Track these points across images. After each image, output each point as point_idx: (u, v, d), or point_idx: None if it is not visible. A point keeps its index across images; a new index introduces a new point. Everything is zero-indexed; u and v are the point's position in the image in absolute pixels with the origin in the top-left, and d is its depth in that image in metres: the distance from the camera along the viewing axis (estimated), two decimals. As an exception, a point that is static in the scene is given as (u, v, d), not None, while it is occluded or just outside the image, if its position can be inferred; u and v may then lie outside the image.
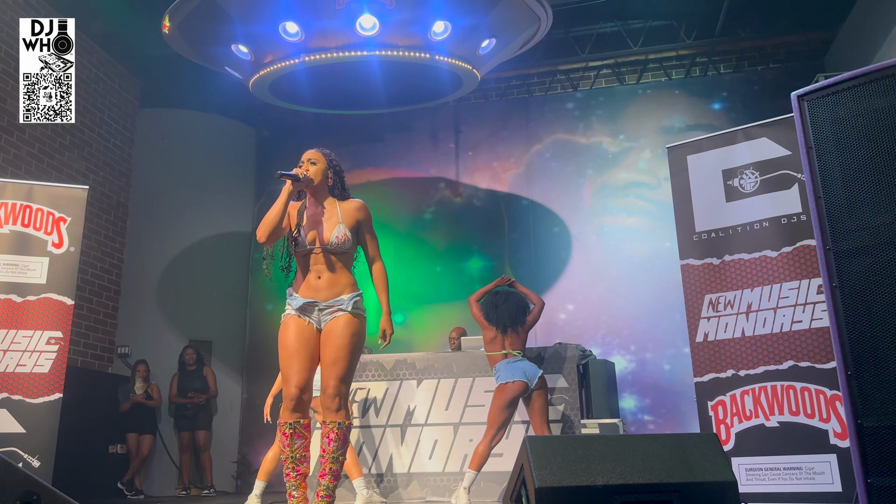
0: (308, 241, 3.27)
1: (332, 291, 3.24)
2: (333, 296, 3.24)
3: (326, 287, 3.24)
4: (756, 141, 4.56)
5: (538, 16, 6.19)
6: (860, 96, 2.33)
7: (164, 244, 8.72)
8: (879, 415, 2.18)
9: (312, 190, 3.38)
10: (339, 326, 3.20)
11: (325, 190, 3.41)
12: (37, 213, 5.20)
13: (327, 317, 3.24)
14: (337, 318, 3.22)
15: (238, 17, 5.93)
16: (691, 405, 5.54)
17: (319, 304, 3.24)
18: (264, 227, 3.26)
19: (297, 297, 3.28)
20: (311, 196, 3.40)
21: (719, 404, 4.39)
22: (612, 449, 2.63)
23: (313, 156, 3.47)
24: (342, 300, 3.24)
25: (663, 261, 7.69)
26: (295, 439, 3.17)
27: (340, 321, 3.21)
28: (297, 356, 3.19)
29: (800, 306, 4.25)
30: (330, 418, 3.14)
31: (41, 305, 5.03)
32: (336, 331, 3.19)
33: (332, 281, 3.25)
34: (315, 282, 3.25)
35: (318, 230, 3.29)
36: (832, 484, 3.95)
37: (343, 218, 3.32)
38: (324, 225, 3.30)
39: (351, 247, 3.32)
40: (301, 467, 3.19)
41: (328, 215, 3.33)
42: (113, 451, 7.52)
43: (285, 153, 9.67)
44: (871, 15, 7.04)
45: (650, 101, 8.74)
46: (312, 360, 3.23)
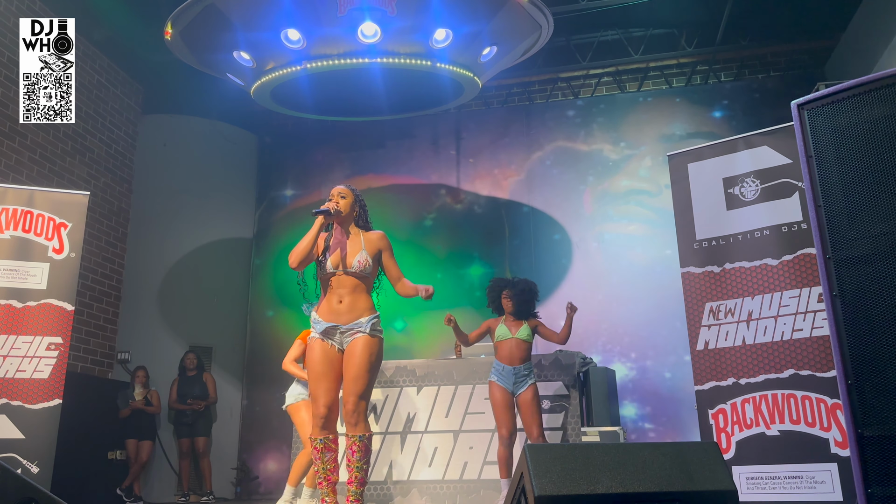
0: (332, 265, 3.59)
1: (351, 315, 3.55)
2: (353, 319, 3.55)
3: (347, 311, 3.55)
4: (757, 149, 4.56)
5: (539, 24, 6.21)
6: (860, 105, 2.33)
7: (165, 250, 8.73)
8: (880, 424, 2.17)
9: (340, 220, 3.70)
10: (358, 347, 3.51)
11: (350, 221, 3.75)
12: (38, 218, 5.20)
13: (348, 338, 3.55)
14: (356, 339, 3.53)
15: (240, 24, 5.95)
16: (692, 413, 5.53)
17: (341, 327, 3.56)
18: (296, 255, 3.61)
19: (321, 322, 3.58)
20: (337, 226, 3.72)
21: (720, 412, 4.38)
22: (612, 457, 2.62)
23: (343, 191, 3.79)
24: (360, 323, 3.55)
25: (664, 268, 7.69)
26: (325, 453, 3.54)
27: (359, 342, 3.52)
28: (324, 378, 3.52)
29: (800, 314, 4.24)
30: (351, 432, 3.48)
31: (41, 311, 5.03)
32: (356, 351, 3.51)
33: (352, 305, 3.56)
34: (337, 305, 3.57)
35: (342, 256, 3.61)
36: (833, 493, 3.93)
37: (366, 245, 3.66)
38: (347, 251, 3.62)
39: (371, 272, 3.64)
40: (332, 476, 3.56)
41: (352, 243, 3.66)
42: (112, 458, 7.50)
43: (287, 160, 9.71)
44: (871, 24, 7.05)
45: (651, 109, 8.75)
46: (337, 380, 3.57)
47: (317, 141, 9.56)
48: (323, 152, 9.58)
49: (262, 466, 8.66)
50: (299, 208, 9.51)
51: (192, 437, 7.72)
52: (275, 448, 8.60)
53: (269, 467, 8.63)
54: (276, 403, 8.53)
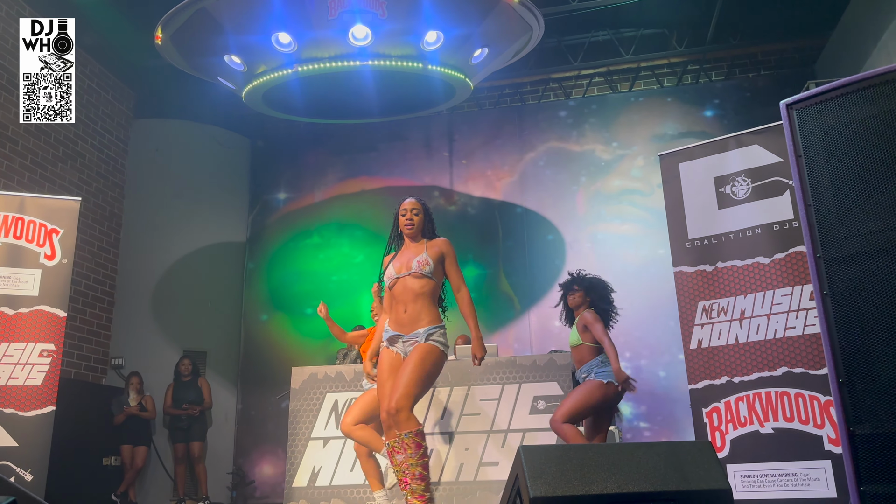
0: (395, 271, 3.73)
1: (413, 326, 3.65)
2: (413, 329, 3.65)
3: (409, 322, 3.65)
4: (747, 148, 4.57)
5: (530, 25, 6.22)
6: (848, 105, 2.34)
7: (158, 255, 8.70)
8: (872, 422, 2.18)
9: (410, 235, 3.82)
10: (412, 354, 3.60)
11: (419, 234, 3.85)
12: (29, 224, 5.17)
13: (409, 347, 3.66)
14: (414, 348, 3.63)
15: (231, 28, 5.94)
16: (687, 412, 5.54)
17: (403, 336, 3.67)
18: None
19: (388, 331, 3.73)
20: (407, 239, 3.84)
21: (714, 411, 4.39)
22: (607, 458, 2.63)
23: (416, 206, 3.88)
24: (418, 333, 3.63)
25: (657, 268, 7.71)
26: (395, 455, 3.58)
27: (415, 350, 3.61)
28: (387, 383, 3.62)
29: (793, 312, 4.25)
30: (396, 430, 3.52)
31: (33, 318, 5.00)
32: (410, 357, 3.60)
33: (415, 316, 3.66)
34: (401, 315, 3.68)
35: (404, 262, 3.74)
36: (827, 490, 3.94)
37: (427, 249, 3.77)
38: (410, 256, 3.75)
39: (433, 274, 3.70)
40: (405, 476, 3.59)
41: (415, 250, 3.78)
42: (107, 464, 7.47)
43: (279, 163, 9.69)
44: (860, 22, 7.09)
45: (642, 109, 8.78)
46: None
47: (309, 144, 9.55)
48: (315, 155, 9.57)
49: (258, 471, 8.64)
50: (293, 211, 9.50)
51: (188, 442, 7.69)
52: (270, 452, 8.58)
53: (265, 471, 8.61)
54: (272, 407, 8.54)
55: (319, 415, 5.77)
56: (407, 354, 3.65)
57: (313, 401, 5.81)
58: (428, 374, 3.58)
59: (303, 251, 9.24)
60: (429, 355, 3.57)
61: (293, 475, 5.65)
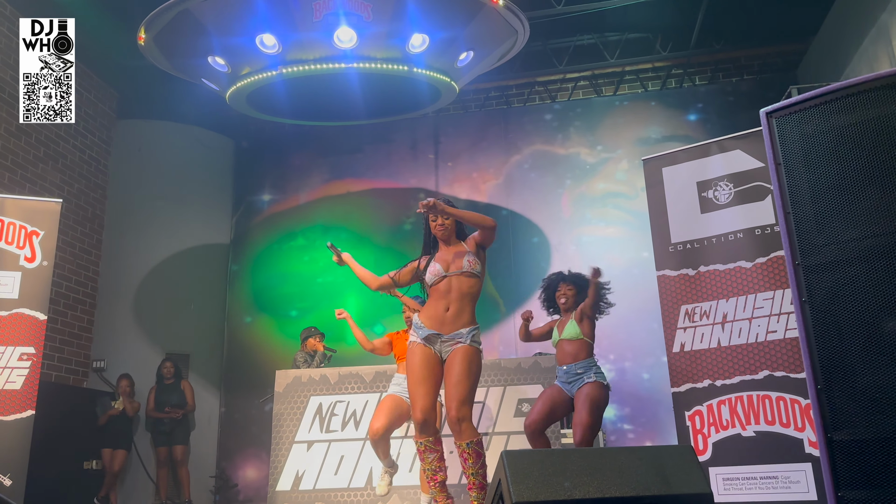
0: (443, 269, 3.65)
1: (454, 325, 3.60)
2: (455, 329, 3.60)
3: (451, 321, 3.60)
4: (730, 153, 4.62)
5: (515, 28, 6.23)
6: (827, 113, 2.36)
7: (141, 257, 8.63)
8: (849, 428, 2.20)
9: (444, 237, 3.75)
10: (459, 356, 3.56)
11: (452, 234, 3.78)
12: (9, 226, 5.12)
13: (448, 348, 3.60)
14: (457, 349, 3.58)
15: (214, 30, 5.90)
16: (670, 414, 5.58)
17: (442, 335, 3.61)
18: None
19: (424, 328, 3.64)
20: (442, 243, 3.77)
21: (696, 414, 4.43)
22: (589, 462, 2.64)
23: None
24: (461, 333, 3.60)
25: (641, 270, 7.74)
26: (427, 454, 3.63)
27: (460, 351, 3.57)
28: (425, 383, 3.58)
29: (774, 316, 4.30)
30: (458, 440, 3.53)
31: (13, 321, 4.95)
32: (457, 360, 3.55)
33: (456, 315, 3.61)
34: (443, 313, 3.61)
35: (450, 260, 3.68)
36: (808, 493, 3.99)
37: (471, 249, 3.72)
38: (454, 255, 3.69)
39: (481, 273, 3.69)
40: (438, 476, 3.65)
41: (458, 250, 3.72)
42: (88, 467, 7.39)
43: (264, 164, 9.64)
44: (841, 29, 7.18)
45: (627, 113, 8.82)
46: (437, 386, 3.65)
47: (294, 145, 9.52)
48: (300, 157, 9.54)
49: (242, 474, 8.59)
50: (277, 213, 9.46)
51: (170, 445, 7.63)
52: (254, 455, 8.53)
53: (249, 475, 8.56)
54: (255, 410, 8.48)
55: (303, 418, 5.74)
56: (446, 354, 3.60)
57: (297, 404, 5.78)
58: (477, 377, 3.60)
59: (287, 253, 9.20)
60: (475, 358, 3.59)
61: (277, 479, 5.63)
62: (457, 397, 3.49)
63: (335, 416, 5.72)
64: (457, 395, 3.49)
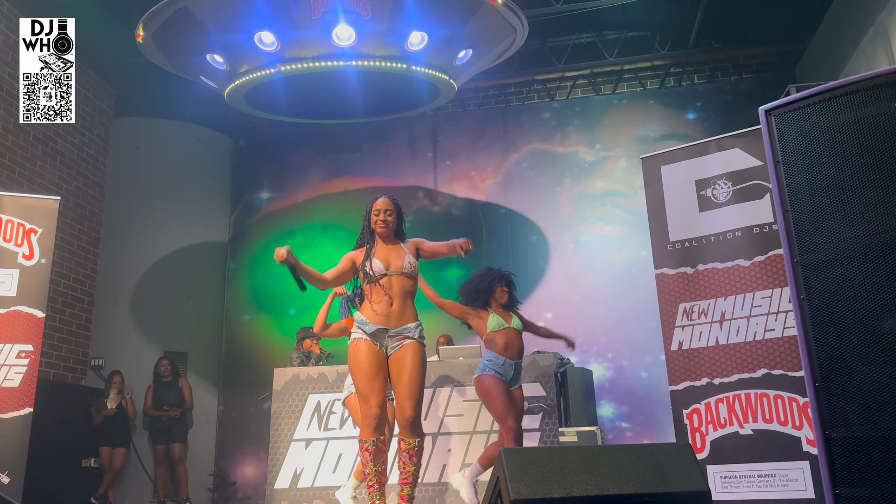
0: (384, 267, 3.65)
1: (401, 320, 3.61)
2: (402, 324, 3.61)
3: (398, 316, 3.60)
4: (728, 151, 4.61)
5: (514, 27, 6.23)
6: (826, 111, 2.36)
7: (139, 254, 8.62)
8: (847, 426, 2.21)
9: (384, 235, 3.79)
10: (410, 353, 3.57)
11: (392, 236, 3.83)
12: (7, 224, 5.10)
13: (396, 343, 3.60)
14: (406, 345, 3.59)
15: (213, 27, 5.90)
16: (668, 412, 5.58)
17: (390, 331, 3.60)
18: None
19: (370, 324, 3.61)
20: (379, 239, 3.80)
21: (694, 412, 4.43)
22: (587, 460, 2.64)
23: (390, 206, 3.87)
24: (409, 328, 3.62)
25: (639, 269, 7.76)
26: (378, 455, 3.56)
27: (410, 348, 3.58)
28: (377, 378, 3.55)
29: (772, 315, 4.29)
30: (409, 438, 3.54)
31: (11, 318, 4.94)
32: (408, 357, 3.56)
33: (402, 310, 3.62)
34: (389, 308, 3.61)
35: (391, 260, 3.69)
36: (805, 491, 3.99)
37: (410, 252, 3.78)
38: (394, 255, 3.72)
39: (417, 276, 3.75)
40: (384, 479, 3.60)
41: (397, 251, 3.76)
42: (86, 465, 7.38)
43: (262, 163, 9.63)
44: (839, 28, 7.18)
45: (625, 111, 8.83)
46: (385, 382, 3.63)
47: (292, 144, 9.51)
48: (299, 155, 9.53)
49: (240, 472, 8.59)
50: (275, 211, 9.45)
51: (168, 443, 7.62)
52: (252, 454, 8.53)
53: (247, 473, 8.56)
54: (253, 408, 8.48)
55: (301, 416, 5.74)
56: (392, 350, 3.59)
57: (295, 402, 5.78)
58: (425, 373, 3.61)
59: (286, 251, 9.19)
60: (423, 355, 3.62)
61: (275, 477, 5.63)
62: (413, 395, 3.50)
63: (333, 414, 5.72)
64: (412, 393, 3.50)
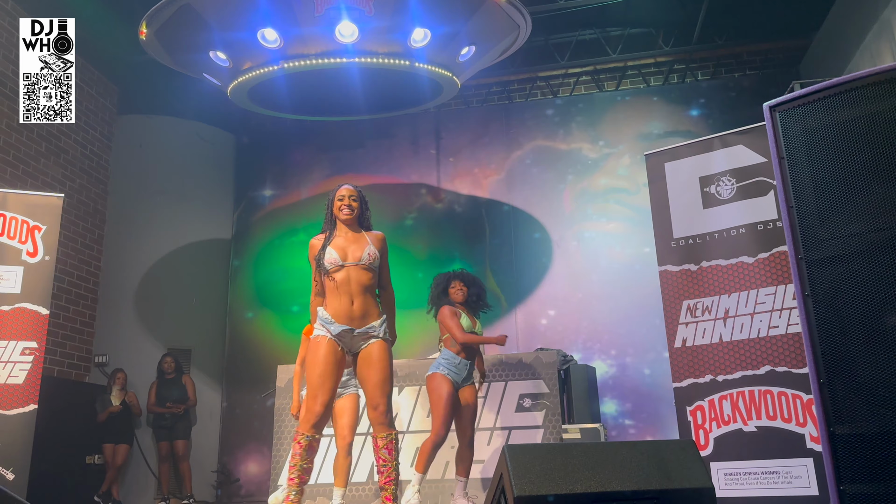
0: (341, 258, 3.59)
1: (365, 320, 3.56)
2: (366, 323, 3.56)
3: (361, 315, 3.55)
4: (732, 148, 4.60)
5: (517, 23, 6.22)
6: (830, 107, 2.36)
7: (143, 252, 8.63)
8: (852, 422, 2.20)
9: (348, 222, 3.71)
10: (377, 352, 3.55)
11: (355, 221, 3.75)
12: (11, 221, 5.12)
13: (362, 342, 3.56)
14: (373, 344, 3.56)
15: (216, 24, 5.90)
16: (671, 409, 5.58)
17: (354, 331, 3.55)
18: None
19: (335, 324, 3.55)
20: (341, 225, 3.74)
21: (698, 409, 4.43)
22: (591, 456, 2.64)
23: (354, 193, 3.79)
24: (374, 327, 3.58)
25: (643, 266, 7.74)
26: (309, 451, 3.49)
27: (377, 347, 3.56)
28: (331, 378, 3.51)
29: (776, 311, 4.29)
30: (384, 432, 3.52)
31: (15, 315, 4.96)
32: (375, 355, 3.54)
33: (365, 309, 3.57)
34: (350, 307, 3.55)
35: (350, 250, 3.62)
36: (809, 488, 3.98)
37: (374, 242, 3.69)
38: (355, 245, 3.64)
39: (377, 268, 3.67)
40: (305, 477, 3.53)
41: (359, 241, 3.68)
42: (90, 462, 7.41)
43: (265, 160, 9.64)
44: (843, 24, 7.15)
45: (629, 108, 8.81)
46: (338, 383, 3.61)
47: (295, 141, 9.51)
48: (302, 152, 9.53)
49: (243, 469, 8.60)
50: (278, 209, 9.46)
51: (172, 440, 7.64)
52: (255, 450, 8.55)
53: (250, 470, 8.58)
54: (257, 405, 8.50)
55: (305, 413, 5.74)
56: (358, 349, 3.56)
57: (299, 399, 5.78)
58: (392, 369, 3.60)
59: (289, 248, 9.20)
60: (389, 352, 3.60)
61: (278, 473, 5.64)
62: (383, 393, 3.49)
63: (337, 411, 5.72)
64: (382, 391, 3.49)
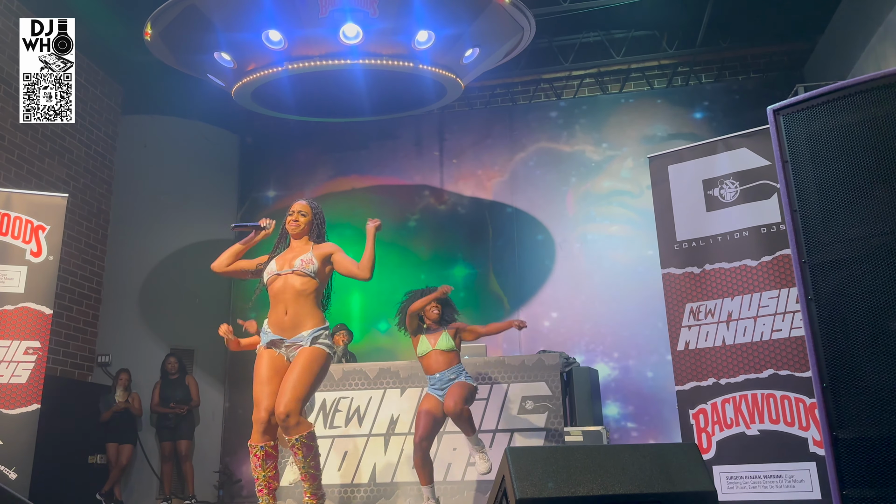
0: (277, 268, 3.60)
1: (295, 330, 3.54)
2: (296, 333, 3.54)
3: (291, 326, 3.54)
4: (736, 151, 4.60)
5: (521, 25, 6.22)
6: (834, 111, 2.36)
7: (146, 252, 8.65)
8: (855, 426, 2.20)
9: (296, 235, 3.72)
10: (299, 358, 3.50)
11: (304, 235, 3.74)
12: (15, 221, 5.14)
13: (293, 352, 3.55)
14: (297, 352, 3.53)
15: (220, 25, 5.91)
16: (674, 412, 5.58)
17: (286, 340, 3.55)
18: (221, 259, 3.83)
19: (269, 334, 3.59)
20: (294, 240, 3.73)
21: (700, 413, 4.42)
22: (593, 459, 2.64)
23: (303, 208, 3.78)
24: (302, 337, 3.53)
25: (646, 268, 7.74)
26: (266, 461, 3.51)
27: (301, 353, 3.51)
28: (269, 384, 3.50)
29: (779, 315, 4.28)
30: (288, 436, 3.45)
31: (19, 315, 4.97)
32: (297, 361, 3.50)
33: (296, 318, 3.54)
34: (283, 318, 3.56)
35: (288, 259, 3.62)
36: (811, 492, 3.98)
37: (313, 250, 3.65)
38: (294, 255, 3.64)
39: (315, 273, 3.57)
40: (273, 484, 3.54)
41: (301, 250, 3.67)
42: (93, 462, 7.42)
43: (269, 160, 9.66)
44: (848, 27, 7.14)
45: (633, 110, 8.81)
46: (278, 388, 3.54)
47: (299, 142, 9.52)
48: (305, 153, 9.54)
49: (245, 469, 8.60)
50: (282, 209, 9.44)
51: (175, 440, 7.65)
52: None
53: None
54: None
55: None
56: (290, 358, 3.54)
57: (301, 400, 5.79)
58: (316, 377, 3.49)
59: (292, 249, 9.21)
60: (316, 359, 3.49)
61: (280, 474, 5.64)
62: (286, 393, 3.40)
63: (339, 413, 5.73)
64: (286, 390, 3.41)
